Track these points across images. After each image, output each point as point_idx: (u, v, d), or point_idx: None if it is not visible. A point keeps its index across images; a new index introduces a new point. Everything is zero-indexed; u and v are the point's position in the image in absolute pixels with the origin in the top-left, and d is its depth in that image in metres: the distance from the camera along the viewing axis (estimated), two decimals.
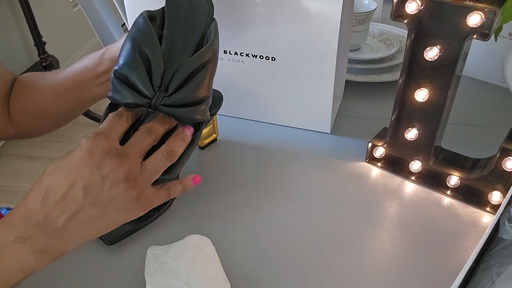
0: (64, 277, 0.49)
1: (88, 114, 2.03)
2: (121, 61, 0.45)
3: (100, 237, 0.52)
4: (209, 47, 0.47)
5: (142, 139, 0.44)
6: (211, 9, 0.50)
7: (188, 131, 0.47)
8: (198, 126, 0.49)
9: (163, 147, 0.45)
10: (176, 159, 0.46)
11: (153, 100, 0.44)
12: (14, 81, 0.64)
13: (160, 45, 0.47)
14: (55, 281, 0.49)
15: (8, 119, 0.63)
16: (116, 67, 0.45)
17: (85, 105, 0.62)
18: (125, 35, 0.48)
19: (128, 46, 0.45)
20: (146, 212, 0.46)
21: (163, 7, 0.49)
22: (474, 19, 0.48)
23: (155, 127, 0.46)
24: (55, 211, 0.39)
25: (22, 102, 0.62)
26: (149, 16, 0.47)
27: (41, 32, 2.15)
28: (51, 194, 0.39)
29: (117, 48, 0.56)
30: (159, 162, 0.45)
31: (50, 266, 0.50)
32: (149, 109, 0.45)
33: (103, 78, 0.57)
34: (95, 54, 0.58)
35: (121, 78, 0.44)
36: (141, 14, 0.47)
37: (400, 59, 0.84)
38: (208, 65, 0.46)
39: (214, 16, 0.50)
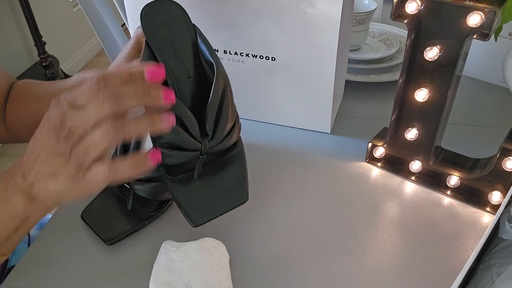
0: (64, 277, 0.49)
1: None
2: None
3: (100, 237, 0.52)
4: (218, 75, 0.46)
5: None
6: (186, 17, 0.49)
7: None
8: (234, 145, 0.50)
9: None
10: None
11: (202, 149, 0.46)
12: (12, 85, 0.64)
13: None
14: (55, 281, 0.49)
15: (3, 123, 0.63)
16: (159, 140, 0.45)
17: None
18: (129, 42, 0.48)
19: None
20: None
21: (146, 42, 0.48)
22: (474, 19, 0.48)
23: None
24: (26, 168, 0.42)
25: (15, 112, 0.63)
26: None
27: (41, 32, 2.15)
28: (25, 154, 0.42)
29: (112, 65, 0.56)
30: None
31: (49, 266, 0.50)
32: (201, 156, 0.47)
33: None
34: (89, 72, 0.59)
35: (167, 145, 0.45)
36: None
37: (400, 59, 0.84)
38: (226, 95, 0.47)
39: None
